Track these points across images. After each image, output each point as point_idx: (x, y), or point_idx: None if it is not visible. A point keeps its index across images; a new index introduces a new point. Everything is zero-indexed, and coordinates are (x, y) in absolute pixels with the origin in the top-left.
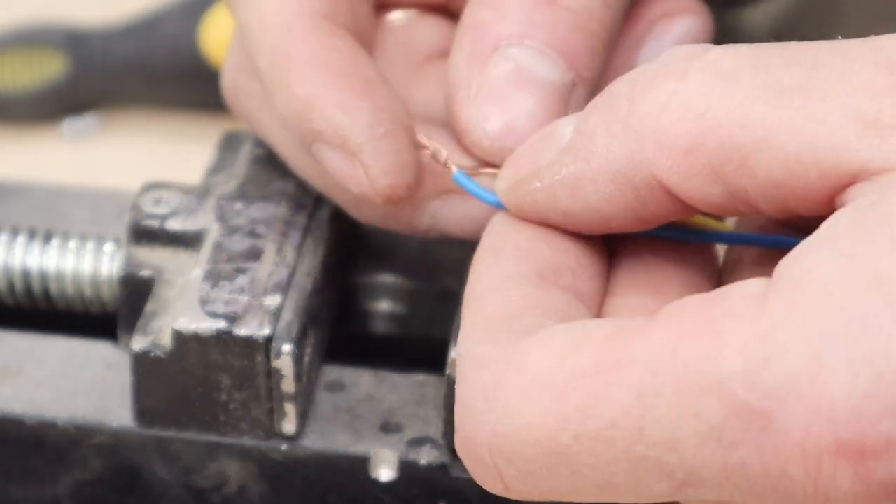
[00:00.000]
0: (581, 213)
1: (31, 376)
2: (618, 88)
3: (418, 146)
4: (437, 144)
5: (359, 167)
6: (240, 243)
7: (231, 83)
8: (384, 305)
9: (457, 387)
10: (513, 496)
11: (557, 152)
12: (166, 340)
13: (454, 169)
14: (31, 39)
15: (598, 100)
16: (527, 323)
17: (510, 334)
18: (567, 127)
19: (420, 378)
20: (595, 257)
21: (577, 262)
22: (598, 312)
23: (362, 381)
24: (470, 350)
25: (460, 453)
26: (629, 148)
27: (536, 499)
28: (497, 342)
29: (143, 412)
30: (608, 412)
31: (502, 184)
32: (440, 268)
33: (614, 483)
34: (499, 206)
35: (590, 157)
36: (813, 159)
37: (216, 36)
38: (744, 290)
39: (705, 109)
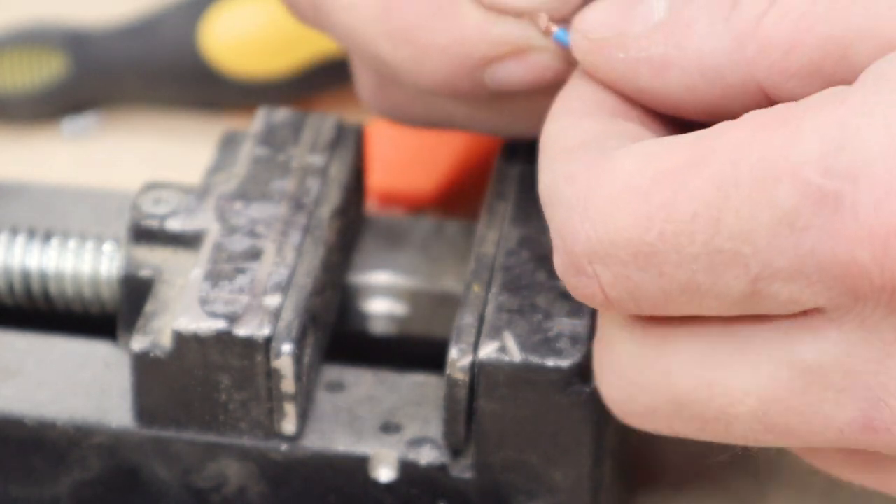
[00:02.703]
0: (657, 95)
1: (31, 376)
2: None
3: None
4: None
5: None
6: (240, 243)
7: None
8: (384, 305)
9: (550, 210)
10: (615, 307)
11: (647, 27)
12: (166, 340)
13: (554, 28)
14: (31, 39)
15: None
16: (612, 143)
17: (597, 149)
18: (660, 2)
19: (420, 378)
20: (657, 120)
21: (638, 119)
22: None
23: (362, 381)
24: (558, 171)
25: (562, 273)
26: (728, 46)
27: (633, 309)
28: (584, 157)
29: (143, 412)
30: (689, 206)
31: (578, 38)
32: (440, 268)
33: (696, 281)
34: None
35: (684, 44)
36: None
37: (216, 36)
38: (828, 90)
39: (807, 7)
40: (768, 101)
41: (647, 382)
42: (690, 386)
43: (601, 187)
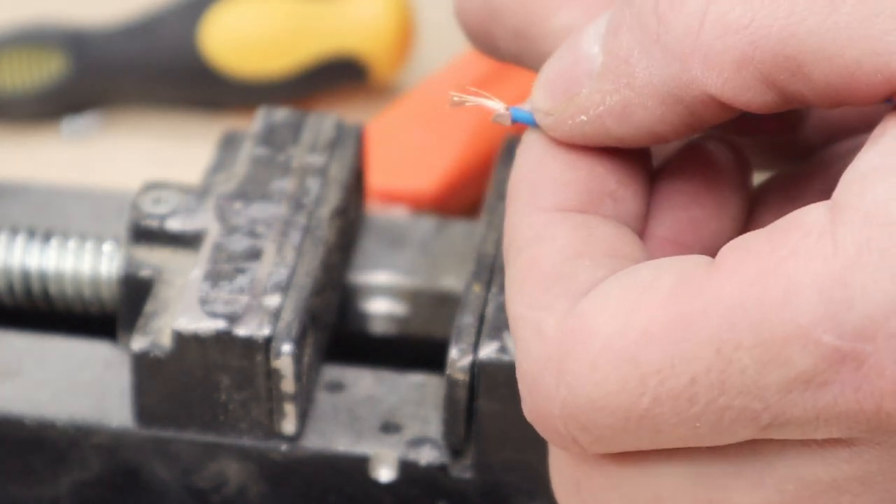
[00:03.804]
0: (634, 136)
1: (31, 376)
2: (642, 3)
3: (460, 103)
4: (483, 94)
5: None
6: (240, 243)
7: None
8: (384, 305)
9: (518, 355)
10: (591, 453)
11: (592, 79)
12: (166, 340)
13: (508, 110)
14: (31, 39)
15: (624, 16)
16: (581, 279)
17: (566, 298)
18: (593, 46)
19: (420, 378)
20: (634, 175)
21: (617, 185)
22: (643, 232)
23: (362, 381)
24: (525, 315)
25: (532, 422)
26: (673, 69)
27: (615, 451)
28: (553, 308)
29: (143, 412)
30: (687, 370)
31: (543, 117)
32: (440, 268)
33: (698, 435)
34: None
35: (632, 82)
36: (876, 65)
37: (216, 36)
38: (806, 223)
39: (749, 21)
40: (734, 110)
41: None
42: None
43: (576, 349)
